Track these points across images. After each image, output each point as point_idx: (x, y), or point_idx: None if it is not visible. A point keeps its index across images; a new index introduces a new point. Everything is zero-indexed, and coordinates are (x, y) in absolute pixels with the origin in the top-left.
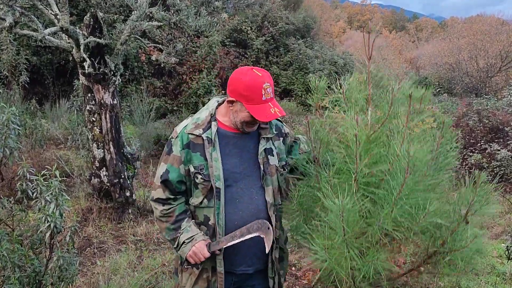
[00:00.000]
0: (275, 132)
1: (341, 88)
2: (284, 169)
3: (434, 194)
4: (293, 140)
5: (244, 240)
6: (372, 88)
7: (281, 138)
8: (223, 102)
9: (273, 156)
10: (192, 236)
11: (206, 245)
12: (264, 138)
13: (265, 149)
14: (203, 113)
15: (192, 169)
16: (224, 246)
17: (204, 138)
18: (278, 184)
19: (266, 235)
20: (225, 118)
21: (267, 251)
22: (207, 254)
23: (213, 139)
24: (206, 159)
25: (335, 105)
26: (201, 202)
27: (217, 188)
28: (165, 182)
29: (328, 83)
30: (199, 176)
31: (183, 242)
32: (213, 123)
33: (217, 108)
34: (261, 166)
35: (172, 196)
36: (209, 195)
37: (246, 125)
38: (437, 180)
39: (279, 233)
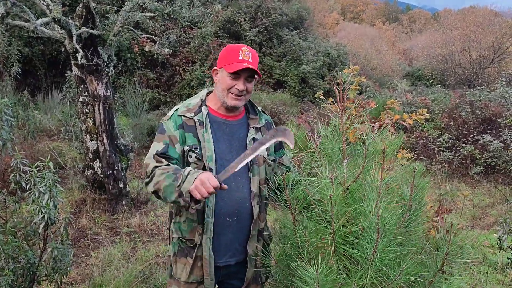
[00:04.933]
0: (264, 122)
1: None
2: (273, 162)
3: (410, 248)
4: (280, 146)
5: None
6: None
7: None
8: (212, 92)
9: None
10: (196, 169)
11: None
12: (253, 127)
13: (253, 139)
14: (193, 100)
15: (186, 148)
16: (236, 170)
17: (196, 120)
18: (265, 176)
19: (285, 136)
20: (214, 104)
21: (291, 146)
22: (216, 183)
23: (204, 121)
24: (199, 140)
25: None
26: None
27: (210, 168)
28: (160, 155)
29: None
30: (193, 155)
31: (188, 173)
32: (204, 107)
33: (207, 96)
34: None
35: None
36: None
37: (229, 94)
38: (412, 231)
39: (262, 226)
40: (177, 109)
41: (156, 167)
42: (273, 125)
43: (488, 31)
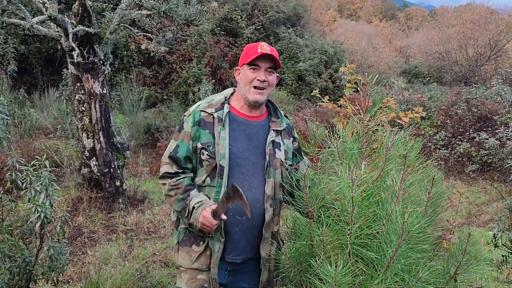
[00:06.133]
0: (285, 125)
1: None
2: (290, 166)
3: (425, 253)
4: (298, 152)
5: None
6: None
7: (291, 139)
8: (236, 91)
9: (280, 151)
10: (201, 201)
11: (211, 212)
12: (274, 130)
13: (273, 141)
14: (218, 96)
15: (199, 145)
16: (222, 214)
17: (215, 116)
18: (281, 179)
19: (240, 200)
20: (238, 103)
21: (249, 215)
22: (214, 222)
23: (223, 119)
24: (214, 137)
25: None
26: (203, 181)
27: (221, 166)
28: (173, 158)
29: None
30: (205, 153)
31: (193, 208)
32: (226, 105)
33: (231, 95)
34: (267, 157)
35: (180, 171)
36: (212, 174)
37: (251, 89)
38: (428, 236)
39: (276, 229)
40: (199, 104)
41: (166, 173)
42: (294, 131)
43: (485, 29)
